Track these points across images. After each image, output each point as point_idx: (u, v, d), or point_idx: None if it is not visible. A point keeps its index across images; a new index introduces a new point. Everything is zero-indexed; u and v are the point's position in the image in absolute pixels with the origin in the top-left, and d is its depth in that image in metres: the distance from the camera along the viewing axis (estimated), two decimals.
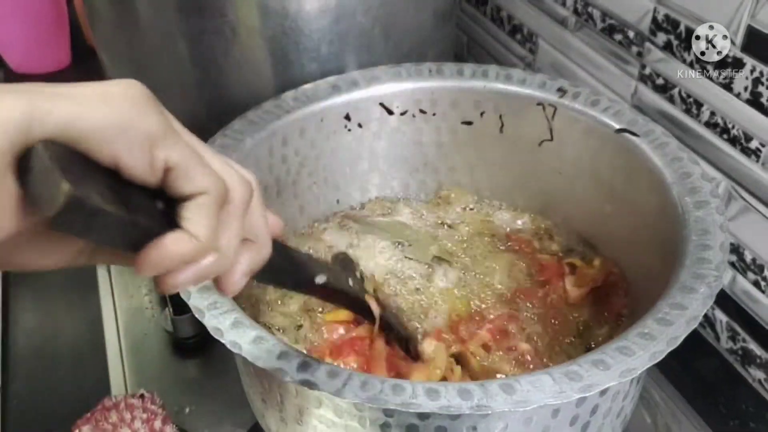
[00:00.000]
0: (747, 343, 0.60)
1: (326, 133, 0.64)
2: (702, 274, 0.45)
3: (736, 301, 0.60)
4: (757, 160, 0.55)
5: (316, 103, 0.63)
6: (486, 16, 0.90)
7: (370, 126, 0.66)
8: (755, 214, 0.56)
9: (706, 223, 0.48)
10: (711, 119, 0.59)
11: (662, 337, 0.40)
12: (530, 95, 0.63)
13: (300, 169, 0.64)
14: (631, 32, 0.65)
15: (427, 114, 0.67)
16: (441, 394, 0.38)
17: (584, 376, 0.38)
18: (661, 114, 0.64)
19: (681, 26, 0.59)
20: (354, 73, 0.65)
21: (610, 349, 0.40)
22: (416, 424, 0.40)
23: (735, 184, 0.58)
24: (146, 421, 0.57)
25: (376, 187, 0.71)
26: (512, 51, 0.86)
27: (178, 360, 0.69)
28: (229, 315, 0.43)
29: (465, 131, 0.67)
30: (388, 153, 0.69)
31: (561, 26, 0.75)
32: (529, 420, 0.41)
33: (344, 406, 0.41)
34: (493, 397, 0.37)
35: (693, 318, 0.42)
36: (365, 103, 0.65)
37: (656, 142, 0.55)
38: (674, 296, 0.43)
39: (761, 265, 0.57)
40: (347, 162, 0.68)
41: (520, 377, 0.39)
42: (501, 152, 0.67)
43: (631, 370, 0.39)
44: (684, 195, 0.51)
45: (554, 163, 0.64)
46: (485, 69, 0.65)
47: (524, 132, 0.65)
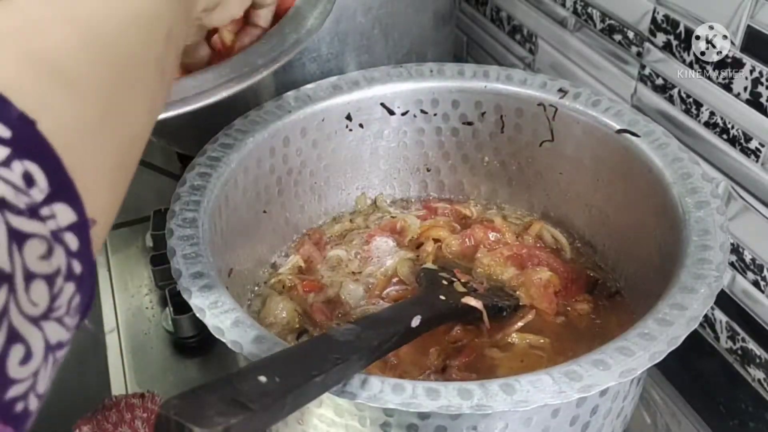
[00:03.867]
0: (747, 343, 0.60)
1: (327, 133, 0.65)
2: (702, 275, 0.45)
3: (735, 301, 0.60)
4: (756, 160, 0.55)
5: (318, 103, 0.63)
6: (486, 16, 0.90)
7: (372, 126, 0.67)
8: (755, 214, 0.56)
9: (707, 224, 0.48)
10: (710, 119, 0.59)
11: (662, 338, 0.40)
12: (531, 96, 0.63)
13: (301, 169, 0.65)
14: (630, 32, 0.65)
15: (428, 114, 0.67)
16: (441, 393, 0.38)
17: (584, 376, 0.38)
18: (660, 114, 0.64)
19: (681, 26, 0.59)
20: (355, 73, 0.65)
21: (610, 349, 0.40)
22: (416, 423, 0.40)
23: (734, 184, 0.58)
24: (146, 420, 0.57)
25: (377, 187, 0.71)
26: (512, 51, 0.86)
27: (179, 360, 0.69)
28: (230, 314, 0.43)
29: (466, 131, 0.67)
30: (390, 153, 0.69)
31: (561, 26, 0.75)
32: (529, 420, 0.41)
33: (345, 405, 0.41)
34: (493, 397, 0.37)
35: (693, 318, 0.42)
36: (366, 103, 0.65)
37: (657, 143, 0.56)
38: (674, 296, 0.43)
39: (761, 265, 0.57)
40: (348, 162, 0.68)
41: (520, 377, 0.39)
42: (501, 152, 0.67)
43: (631, 370, 0.39)
44: (684, 195, 0.51)
45: (554, 163, 0.64)
46: (486, 69, 0.65)
47: (525, 132, 0.65)
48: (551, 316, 0.58)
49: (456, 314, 0.54)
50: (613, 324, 0.57)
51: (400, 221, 0.67)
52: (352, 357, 0.38)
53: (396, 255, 0.64)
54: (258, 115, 0.60)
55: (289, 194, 0.65)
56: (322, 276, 0.63)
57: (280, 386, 0.32)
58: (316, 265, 0.64)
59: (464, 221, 0.68)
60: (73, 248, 0.24)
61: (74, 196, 0.24)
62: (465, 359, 0.53)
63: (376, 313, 0.48)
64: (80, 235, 0.24)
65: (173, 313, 0.67)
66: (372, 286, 0.61)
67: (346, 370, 0.37)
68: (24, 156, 0.22)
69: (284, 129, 0.61)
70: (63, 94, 0.25)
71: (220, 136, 0.58)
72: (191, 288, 0.45)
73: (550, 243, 0.65)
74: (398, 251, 0.64)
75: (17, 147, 0.22)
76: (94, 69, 0.27)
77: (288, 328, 0.58)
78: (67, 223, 0.24)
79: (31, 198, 0.22)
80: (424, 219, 0.68)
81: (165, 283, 0.71)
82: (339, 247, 0.66)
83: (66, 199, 0.24)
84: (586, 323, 0.58)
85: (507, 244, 0.63)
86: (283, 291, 0.61)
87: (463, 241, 0.64)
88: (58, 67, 0.25)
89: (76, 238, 0.24)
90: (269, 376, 0.32)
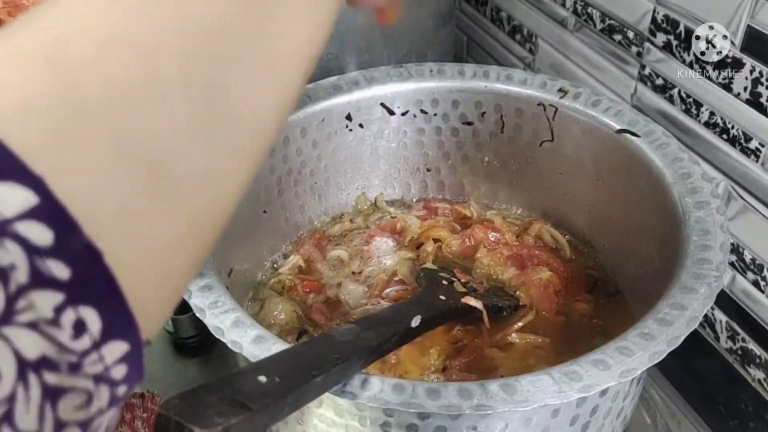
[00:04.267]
0: (747, 343, 0.60)
1: (327, 132, 0.65)
2: (702, 275, 0.45)
3: (735, 301, 0.60)
4: (756, 160, 0.55)
5: (318, 103, 0.63)
6: (486, 16, 0.90)
7: (372, 126, 0.67)
8: (755, 214, 0.56)
9: (707, 224, 0.48)
10: (710, 119, 0.59)
11: (662, 338, 0.40)
12: (531, 96, 0.63)
13: (301, 168, 0.65)
14: (630, 32, 0.65)
15: (428, 114, 0.67)
16: (441, 393, 0.38)
17: (584, 376, 0.38)
18: (660, 114, 0.64)
19: (680, 26, 0.59)
20: (355, 73, 0.65)
21: (610, 349, 0.40)
22: (416, 423, 0.40)
23: (734, 184, 0.58)
24: (146, 420, 0.57)
25: (377, 187, 0.71)
26: (512, 51, 0.86)
27: (179, 360, 0.69)
28: (230, 314, 0.43)
29: (466, 131, 0.67)
30: (390, 153, 0.69)
31: (561, 26, 0.75)
32: (529, 420, 0.41)
33: (345, 405, 0.41)
34: (493, 397, 0.37)
35: (693, 318, 0.42)
36: (366, 103, 0.65)
37: (657, 143, 0.56)
38: (674, 296, 0.43)
39: (761, 265, 0.57)
40: (348, 162, 0.68)
41: (520, 377, 0.39)
42: (501, 152, 0.67)
43: (631, 370, 0.39)
44: (684, 195, 0.51)
45: (554, 163, 0.64)
46: (486, 69, 0.65)
47: (525, 132, 0.65)
48: (551, 315, 0.58)
49: (456, 314, 0.54)
50: (613, 324, 0.57)
51: (400, 221, 0.67)
52: (352, 357, 0.38)
53: (396, 255, 0.64)
54: None
55: (289, 194, 0.65)
56: (322, 276, 0.63)
57: (280, 386, 0.32)
58: (316, 265, 0.64)
59: (464, 221, 0.68)
60: (119, 377, 0.19)
61: (131, 328, 0.19)
62: (465, 359, 0.53)
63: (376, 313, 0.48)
64: (131, 362, 0.20)
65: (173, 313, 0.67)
66: (372, 286, 0.61)
67: (346, 370, 0.37)
68: (80, 302, 0.18)
69: (284, 129, 0.61)
70: (150, 203, 0.20)
71: None
72: (191, 288, 0.45)
73: (550, 243, 0.65)
74: (398, 251, 0.64)
75: (74, 291, 0.18)
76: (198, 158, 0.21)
77: (287, 329, 0.58)
78: (116, 359, 0.19)
79: (78, 350, 0.18)
80: (424, 219, 0.68)
81: None
82: (340, 247, 0.66)
83: (121, 335, 0.19)
84: (586, 323, 0.58)
85: (507, 244, 0.63)
86: (283, 291, 0.61)
87: (463, 241, 0.64)
88: (155, 160, 0.20)
89: (126, 366, 0.20)
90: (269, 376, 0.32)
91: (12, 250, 0.17)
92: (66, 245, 0.17)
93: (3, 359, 0.16)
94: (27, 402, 0.17)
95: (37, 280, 0.17)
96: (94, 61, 0.19)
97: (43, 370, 0.17)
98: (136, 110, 0.19)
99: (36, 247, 0.17)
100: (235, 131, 0.22)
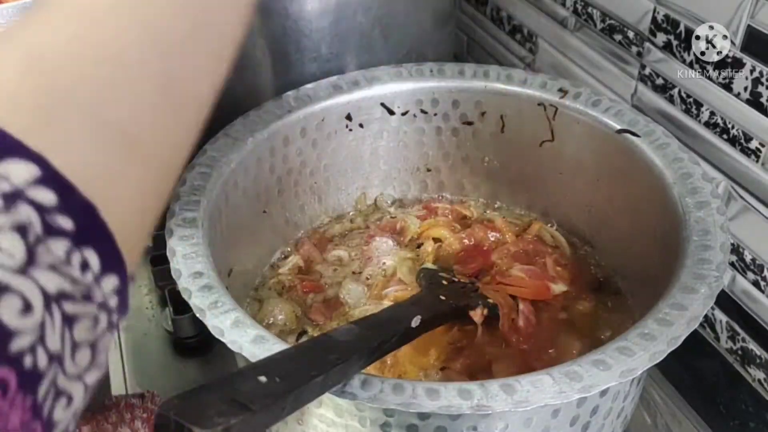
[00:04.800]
0: (747, 343, 0.60)
1: (327, 133, 0.65)
2: (702, 275, 0.45)
3: (736, 301, 0.60)
4: (756, 160, 0.55)
5: (318, 103, 0.63)
6: (486, 16, 0.90)
7: (372, 126, 0.67)
8: (755, 214, 0.56)
9: (707, 224, 0.48)
10: (711, 119, 0.59)
11: (662, 338, 0.40)
12: (531, 95, 0.63)
13: (301, 169, 0.65)
14: (630, 32, 0.65)
15: (428, 114, 0.67)
16: (441, 394, 0.38)
17: (584, 376, 0.38)
18: (660, 114, 0.64)
19: (681, 26, 0.59)
20: (355, 73, 0.65)
21: (610, 349, 0.40)
22: (416, 424, 0.40)
23: (734, 185, 0.58)
24: (146, 420, 0.57)
25: (377, 187, 0.71)
26: (512, 51, 0.86)
27: (178, 360, 0.69)
28: (230, 314, 0.43)
29: (466, 131, 0.67)
30: (390, 153, 0.69)
31: (561, 26, 0.75)
32: (530, 420, 0.41)
33: (345, 405, 0.41)
34: (494, 397, 0.37)
35: (693, 318, 0.42)
36: (366, 103, 0.65)
37: (657, 143, 0.56)
38: (674, 296, 0.43)
39: (761, 265, 0.57)
40: (348, 162, 0.68)
41: (520, 377, 0.39)
42: (502, 152, 0.67)
43: (631, 370, 0.39)
44: (685, 195, 0.51)
45: (554, 163, 0.64)
46: (486, 69, 0.65)
47: (525, 132, 0.65)
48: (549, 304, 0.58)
49: (456, 314, 0.54)
50: (613, 323, 0.57)
51: (400, 221, 0.67)
52: (352, 357, 0.38)
53: (396, 255, 0.64)
54: (258, 115, 0.60)
55: (289, 194, 0.65)
56: (321, 276, 0.63)
57: (280, 386, 0.32)
58: (315, 265, 0.64)
59: (464, 221, 0.68)
60: (113, 305, 0.25)
61: (120, 264, 0.25)
62: (465, 359, 0.53)
63: (376, 313, 0.48)
64: (121, 294, 0.25)
65: (173, 313, 0.67)
66: (372, 286, 0.61)
67: (346, 371, 0.37)
68: (82, 244, 0.23)
69: (284, 129, 0.61)
70: (126, 165, 0.26)
71: (220, 136, 0.58)
72: (191, 288, 0.45)
73: (550, 243, 0.65)
74: (398, 251, 0.64)
75: (78, 237, 0.23)
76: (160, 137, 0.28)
77: (287, 329, 0.58)
78: (110, 290, 0.24)
79: (85, 283, 0.23)
80: (424, 219, 0.68)
81: (164, 283, 0.71)
82: (340, 247, 0.66)
83: (114, 270, 0.24)
84: (587, 322, 0.58)
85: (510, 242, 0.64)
86: (282, 291, 0.61)
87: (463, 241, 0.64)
88: (126, 131, 0.26)
89: (117, 297, 0.25)
90: (269, 377, 0.32)
91: (27, 211, 0.21)
92: (68, 203, 0.22)
93: (32, 294, 0.21)
94: (53, 327, 0.22)
95: (50, 231, 0.22)
96: (70, 62, 0.25)
97: (62, 300, 0.22)
98: (106, 96, 0.25)
99: (45, 207, 0.22)
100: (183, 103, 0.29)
